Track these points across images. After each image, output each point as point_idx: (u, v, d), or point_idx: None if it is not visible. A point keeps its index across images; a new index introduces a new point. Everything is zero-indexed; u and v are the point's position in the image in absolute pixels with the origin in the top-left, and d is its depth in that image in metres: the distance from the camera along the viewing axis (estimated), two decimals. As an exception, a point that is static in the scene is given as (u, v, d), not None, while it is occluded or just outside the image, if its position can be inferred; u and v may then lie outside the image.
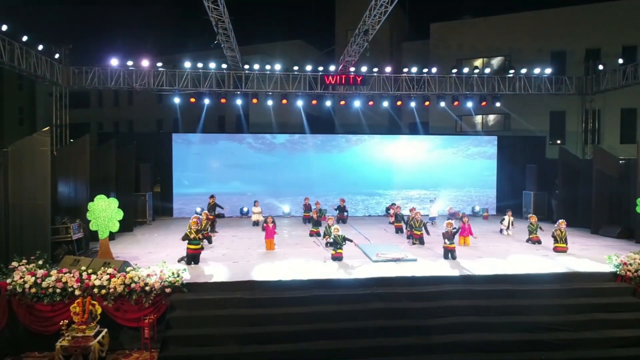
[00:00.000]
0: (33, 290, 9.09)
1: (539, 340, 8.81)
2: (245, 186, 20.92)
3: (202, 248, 11.72)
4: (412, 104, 21.07)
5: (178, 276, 9.52)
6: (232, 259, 11.95)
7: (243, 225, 18.24)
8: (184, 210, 19.97)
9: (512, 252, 12.78)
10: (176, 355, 8.33)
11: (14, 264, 9.56)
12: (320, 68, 19.68)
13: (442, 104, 20.91)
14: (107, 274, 9.40)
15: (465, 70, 20.89)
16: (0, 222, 9.86)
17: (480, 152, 22.14)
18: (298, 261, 11.66)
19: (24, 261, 9.68)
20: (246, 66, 19.28)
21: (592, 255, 12.28)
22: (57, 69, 18.05)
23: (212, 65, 18.96)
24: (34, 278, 9.17)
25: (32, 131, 18.55)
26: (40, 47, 16.61)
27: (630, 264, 10.62)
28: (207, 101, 19.62)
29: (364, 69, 19.72)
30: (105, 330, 9.05)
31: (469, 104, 21.15)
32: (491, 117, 30.75)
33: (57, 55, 17.93)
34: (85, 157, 12.20)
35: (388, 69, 20.08)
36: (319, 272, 10.61)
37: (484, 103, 20.81)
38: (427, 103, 20.85)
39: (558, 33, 26.96)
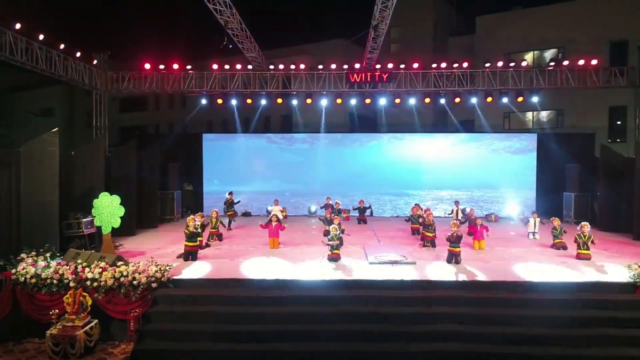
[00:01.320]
0: (33, 280, 9.73)
1: (527, 355, 8.14)
2: (273, 185, 21.11)
3: (199, 246, 12.00)
4: (456, 100, 19.98)
5: (164, 272, 9.79)
6: (229, 257, 12.11)
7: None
8: (214, 208, 20.47)
9: (528, 259, 11.87)
10: (150, 349, 8.56)
11: (23, 255, 10.29)
12: (357, 65, 19.17)
13: (489, 99, 19.57)
14: (100, 267, 9.85)
15: (512, 64, 19.47)
16: (12, 216, 10.62)
17: (519, 150, 20.82)
18: (293, 261, 11.58)
19: (33, 253, 10.40)
20: (271, 67, 19.45)
21: (619, 264, 11.05)
22: (95, 74, 19.23)
23: (238, 66, 19.31)
24: (34, 269, 9.81)
25: (97, 133, 19.88)
26: (78, 54, 17.76)
27: (653, 275, 9.52)
28: (234, 102, 20.01)
29: (391, 65, 19.13)
30: (96, 321, 9.49)
31: (505, 100, 19.87)
32: (544, 114, 28.91)
33: (95, 62, 19.07)
34: (99, 156, 12.87)
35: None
36: (307, 272, 10.47)
37: (520, 98, 19.50)
38: (457, 100, 19.84)
39: (619, 21, 24.81)
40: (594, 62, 19.05)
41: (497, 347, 8.32)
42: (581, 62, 19.07)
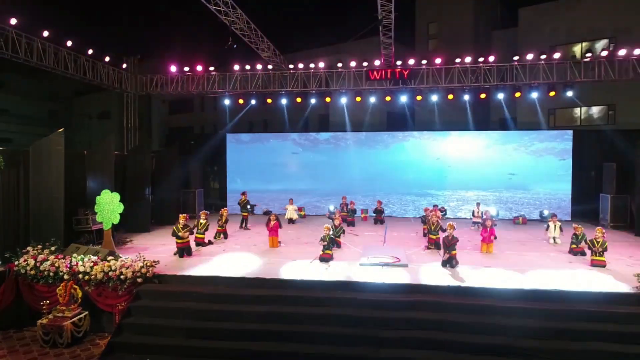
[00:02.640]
0: (32, 272, 10.32)
1: (501, 367, 7.56)
2: (297, 184, 21.14)
3: (202, 243, 12.37)
4: (500, 96, 19.06)
5: (150, 267, 10.05)
6: (222, 254, 12.25)
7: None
8: (237, 207, 20.84)
9: (535, 265, 11.05)
10: (125, 342, 8.79)
11: (29, 248, 10.95)
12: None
13: (535, 94, 18.34)
14: (91, 261, 10.28)
15: (557, 55, 18.21)
16: (21, 211, 11.34)
17: (552, 149, 19.49)
18: (285, 260, 11.50)
19: (39, 246, 11.04)
20: (290, 66, 19.48)
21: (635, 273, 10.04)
22: (124, 78, 20.16)
23: (259, 66, 19.51)
24: (34, 262, 10.41)
25: (148, 134, 20.93)
26: (107, 59, 18.70)
27: (664, 286, 8.55)
28: (253, 102, 20.25)
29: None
30: (86, 313, 9.91)
31: (534, 94, 18.64)
32: (595, 110, 26.97)
33: (124, 65, 19.99)
34: (110, 156, 13.45)
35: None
36: (291, 272, 10.36)
37: (552, 93, 18.24)
38: (483, 96, 18.88)
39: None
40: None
41: (476, 358, 7.81)
42: (638, 51, 17.44)
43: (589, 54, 18.18)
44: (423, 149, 20.53)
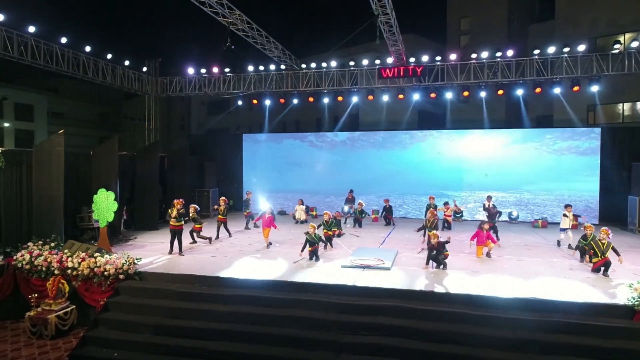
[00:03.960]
0: (28, 266, 10.87)
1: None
2: (312, 184, 21.05)
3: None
4: (519, 92, 18.14)
5: (131, 265, 10.33)
6: (211, 252, 12.43)
7: (287, 222, 18.16)
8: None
9: (529, 272, 10.35)
10: (98, 337, 9.06)
11: (30, 244, 11.55)
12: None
13: (577, 88, 17.15)
14: (80, 257, 10.69)
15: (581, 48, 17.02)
16: (24, 208, 12.00)
17: (575, 147, 18.25)
18: (269, 260, 11.48)
19: (40, 242, 11.63)
20: (303, 65, 19.45)
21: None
22: (145, 81, 20.88)
23: (272, 67, 19.62)
24: (29, 256, 10.96)
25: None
26: (127, 63, 19.45)
27: (657, 298, 7.77)
28: (267, 102, 20.37)
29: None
30: (73, 307, 10.31)
31: (557, 90, 17.51)
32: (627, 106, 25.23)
33: (144, 69, 20.71)
34: (114, 156, 13.94)
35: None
36: (268, 272, 10.30)
37: (576, 88, 17.08)
38: (500, 92, 17.97)
39: None
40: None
41: (431, 367, 7.43)
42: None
43: (617, 45, 16.82)
44: (440, 148, 19.82)
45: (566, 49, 16.94)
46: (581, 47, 17.08)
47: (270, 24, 16.37)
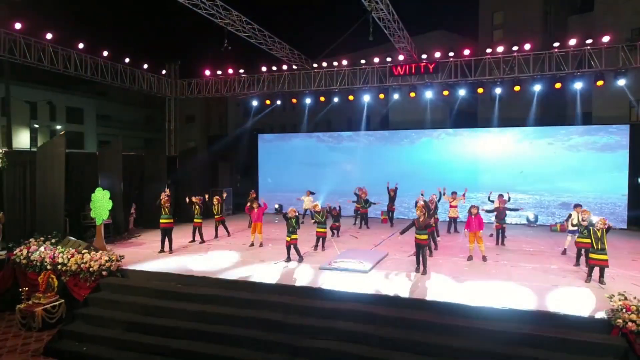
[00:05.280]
0: (24, 261, 11.43)
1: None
2: (326, 183, 20.80)
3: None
4: (516, 88, 17.17)
5: (113, 262, 10.62)
6: (199, 251, 12.52)
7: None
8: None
9: (519, 278, 9.71)
10: (73, 330, 9.35)
11: (32, 240, 12.16)
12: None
13: (622, 81, 15.82)
14: (70, 254, 11.11)
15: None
16: (27, 206, 12.65)
17: (606, 145, 16.96)
18: (251, 259, 11.47)
19: (41, 239, 12.22)
20: (315, 65, 19.30)
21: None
22: (164, 83, 21.48)
23: (284, 67, 19.63)
24: (27, 252, 11.52)
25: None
26: (146, 66, 20.07)
27: (638, 311, 7.04)
28: (278, 102, 20.39)
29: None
30: (62, 301, 10.72)
31: (578, 84, 16.29)
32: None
33: (163, 71, 21.29)
34: (118, 156, 14.42)
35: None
36: (243, 272, 10.28)
37: (599, 82, 15.82)
38: (516, 88, 16.94)
39: None
40: None
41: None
42: None
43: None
44: (455, 147, 19.05)
45: (606, 39, 15.38)
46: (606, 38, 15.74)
47: (281, 25, 16.31)
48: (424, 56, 17.66)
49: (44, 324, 10.25)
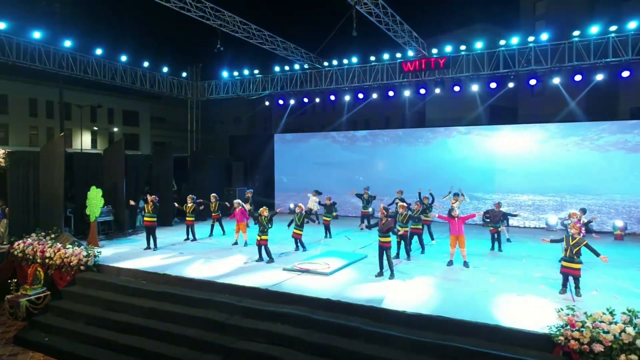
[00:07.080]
0: (20, 254, 12.18)
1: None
2: (345, 183, 20.43)
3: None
4: (532, 82, 15.93)
5: (90, 257, 11.04)
6: (183, 250, 12.75)
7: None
8: (282, 206, 21.09)
9: (485, 287, 8.98)
10: (43, 322, 9.82)
11: (33, 235, 12.96)
12: (463, 47, 16.43)
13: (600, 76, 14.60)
14: (57, 248, 11.69)
15: None
16: (30, 203, 13.48)
17: (637, 143, 15.29)
18: (225, 259, 11.49)
19: (42, 233, 12.98)
20: (325, 63, 19.06)
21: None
22: (185, 85, 22.13)
23: (296, 66, 19.55)
24: (23, 245, 12.27)
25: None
26: (165, 69, 20.79)
27: (583, 328, 6.25)
28: (292, 102, 20.32)
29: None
30: (48, 293, 11.31)
31: (599, 76, 14.75)
32: None
33: (184, 74, 21.94)
34: (121, 156, 15.01)
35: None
36: (206, 271, 10.31)
37: (625, 73, 14.26)
38: (532, 81, 15.67)
39: None
40: None
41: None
42: None
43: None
44: (471, 145, 17.99)
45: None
46: None
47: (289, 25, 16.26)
48: (462, 47, 16.38)
49: (27, 313, 10.85)
